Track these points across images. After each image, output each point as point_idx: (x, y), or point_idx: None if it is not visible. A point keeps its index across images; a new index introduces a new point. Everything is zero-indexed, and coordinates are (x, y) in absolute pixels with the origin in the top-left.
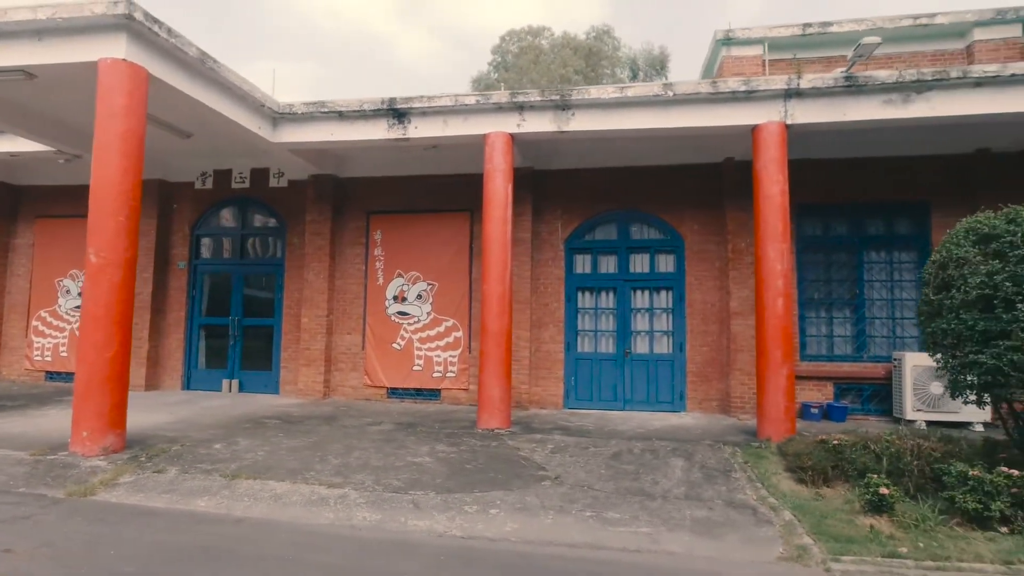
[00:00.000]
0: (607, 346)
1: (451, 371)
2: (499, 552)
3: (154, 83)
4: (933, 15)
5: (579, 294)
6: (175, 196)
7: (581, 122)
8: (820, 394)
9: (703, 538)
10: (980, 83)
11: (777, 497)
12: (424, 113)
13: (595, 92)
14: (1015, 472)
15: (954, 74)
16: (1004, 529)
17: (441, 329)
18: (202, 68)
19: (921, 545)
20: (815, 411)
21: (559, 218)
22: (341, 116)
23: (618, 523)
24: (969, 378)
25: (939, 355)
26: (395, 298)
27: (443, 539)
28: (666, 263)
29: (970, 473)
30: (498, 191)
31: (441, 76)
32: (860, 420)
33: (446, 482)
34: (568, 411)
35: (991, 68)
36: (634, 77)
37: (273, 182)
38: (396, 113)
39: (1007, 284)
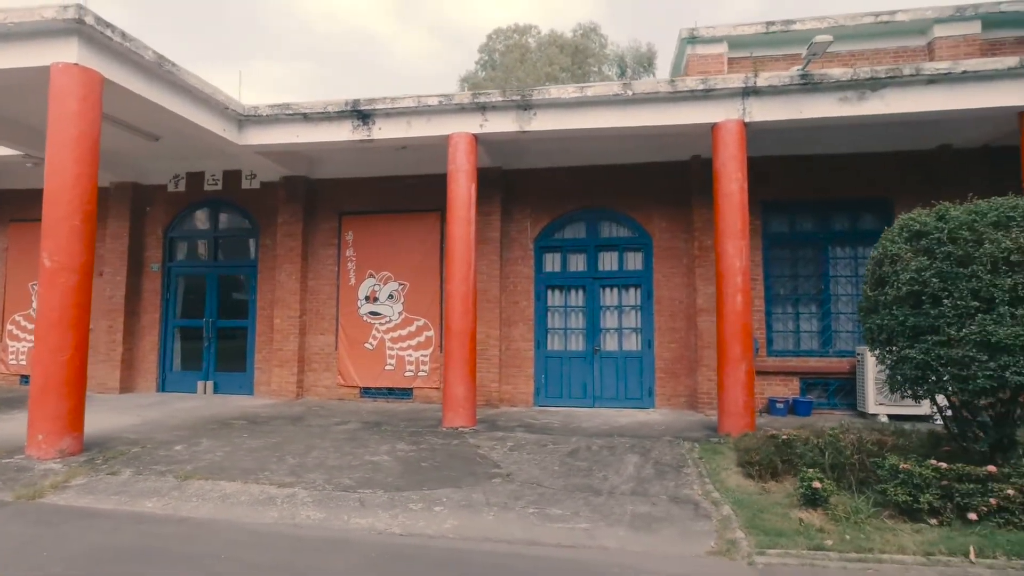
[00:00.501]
0: (577, 344)
1: (423, 370)
2: (432, 548)
3: (112, 87)
4: (894, 12)
5: (549, 292)
6: (148, 199)
7: (543, 122)
8: (787, 389)
9: (639, 533)
10: (933, 80)
11: (722, 492)
12: (388, 114)
13: (555, 92)
14: (943, 465)
15: (907, 71)
16: (933, 521)
17: (412, 328)
18: (159, 71)
19: (848, 537)
20: (781, 406)
21: (528, 217)
22: (306, 118)
23: (558, 519)
24: (906, 372)
25: (877, 350)
26: (367, 298)
27: (381, 536)
28: (635, 261)
29: (900, 466)
30: (461, 191)
31: (439, 75)
32: (825, 414)
33: (397, 480)
34: (538, 408)
35: (942, 65)
36: (622, 74)
37: (245, 184)
38: (360, 115)
39: (934, 280)
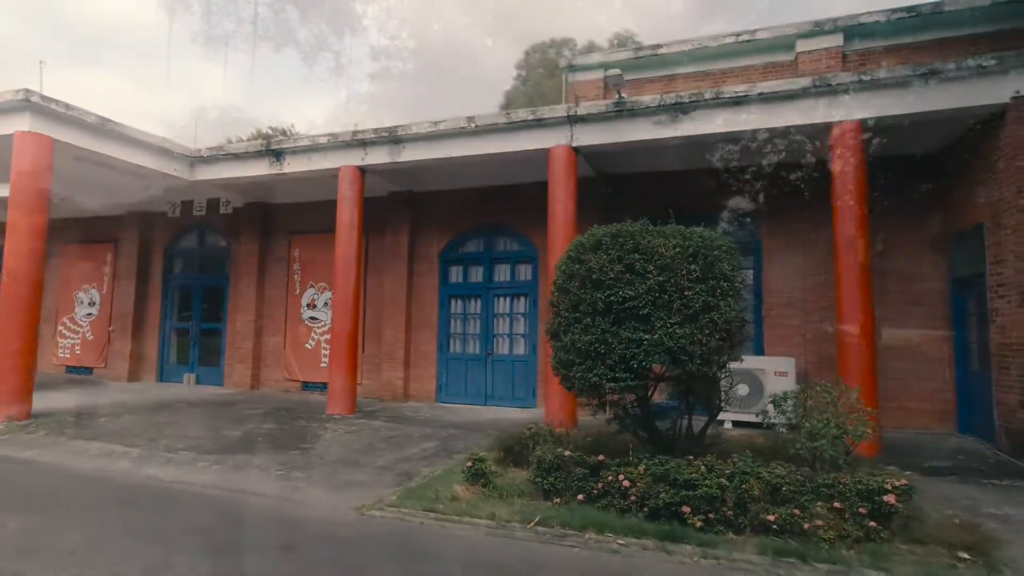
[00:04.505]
0: (474, 347)
1: None
2: (168, 489)
3: (64, 145)
4: (755, 31)
5: (452, 301)
6: (154, 223)
7: (410, 153)
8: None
9: (332, 491)
10: (738, 101)
11: (444, 470)
12: (294, 152)
13: (415, 128)
14: (567, 452)
15: (707, 95)
16: (557, 500)
17: None
18: (104, 129)
19: (465, 506)
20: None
21: (435, 234)
22: (236, 157)
23: (289, 479)
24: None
25: None
26: (308, 305)
27: (149, 480)
28: (524, 272)
29: (536, 453)
30: (345, 216)
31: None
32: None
33: (219, 448)
34: (434, 405)
35: (740, 88)
36: None
37: (222, 210)
38: (273, 153)
39: (556, 293)
